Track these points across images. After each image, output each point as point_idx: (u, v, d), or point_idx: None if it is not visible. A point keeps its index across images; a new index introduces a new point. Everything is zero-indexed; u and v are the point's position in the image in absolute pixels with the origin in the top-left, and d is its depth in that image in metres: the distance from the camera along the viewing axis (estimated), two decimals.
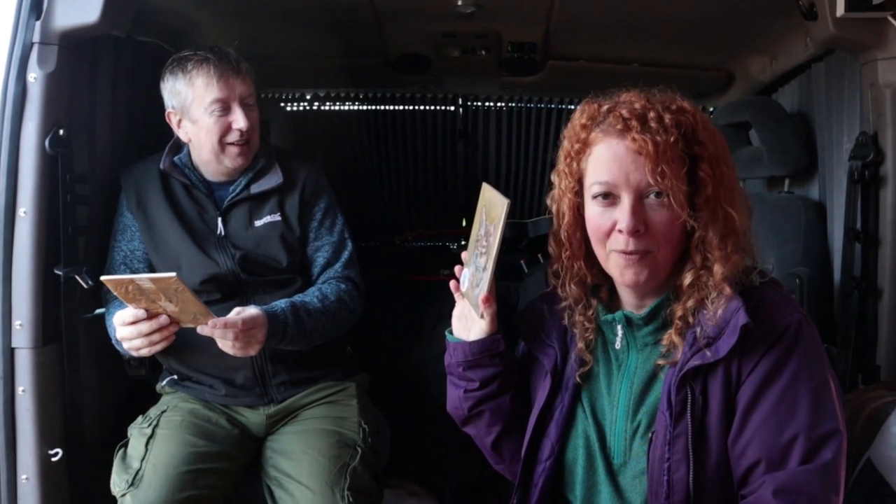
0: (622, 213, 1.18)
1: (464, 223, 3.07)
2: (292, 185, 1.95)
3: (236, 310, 1.65)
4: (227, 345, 1.63)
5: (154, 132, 2.16)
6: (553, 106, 2.85)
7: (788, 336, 1.16)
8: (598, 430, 1.30)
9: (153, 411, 1.89)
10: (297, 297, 1.84)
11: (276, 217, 1.92)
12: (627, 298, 1.30)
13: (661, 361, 1.22)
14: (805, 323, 1.18)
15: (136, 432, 1.83)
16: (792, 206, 2.05)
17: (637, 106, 1.20)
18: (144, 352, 1.65)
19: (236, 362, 1.81)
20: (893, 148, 1.74)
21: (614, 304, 1.33)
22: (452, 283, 1.38)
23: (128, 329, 1.62)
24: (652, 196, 1.18)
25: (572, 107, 2.85)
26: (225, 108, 1.83)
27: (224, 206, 1.91)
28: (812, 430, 1.14)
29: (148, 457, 1.74)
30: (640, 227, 1.18)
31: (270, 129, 2.09)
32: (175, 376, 1.95)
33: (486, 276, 1.27)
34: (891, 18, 1.71)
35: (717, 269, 1.18)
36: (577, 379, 1.32)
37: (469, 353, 1.36)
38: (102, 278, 1.56)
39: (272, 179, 1.93)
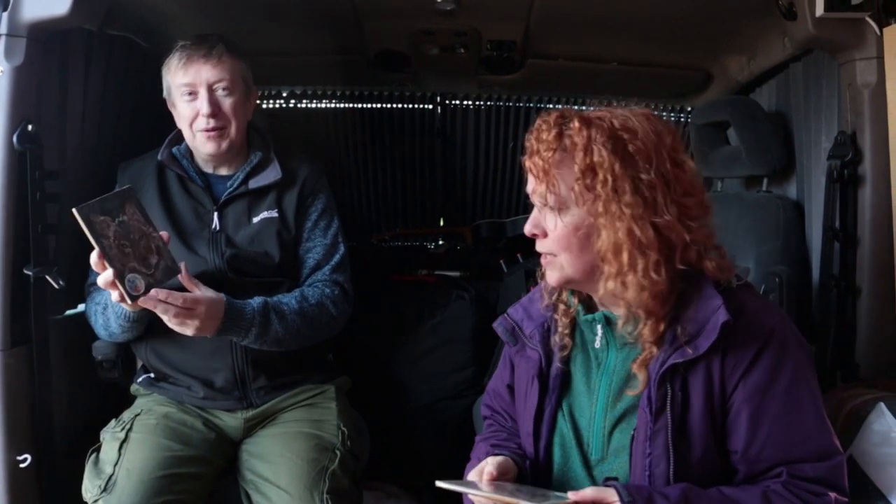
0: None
1: (441, 223, 3.04)
2: (292, 181, 1.93)
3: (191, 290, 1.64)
4: (162, 315, 1.61)
5: (127, 127, 2.12)
6: (532, 105, 2.83)
7: (779, 337, 1.21)
8: (573, 427, 1.31)
9: (126, 415, 1.84)
10: (275, 298, 1.81)
11: (273, 213, 1.90)
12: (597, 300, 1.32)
13: (639, 360, 1.23)
14: (788, 323, 1.24)
15: (109, 436, 1.78)
16: (771, 205, 2.06)
17: (543, 126, 1.26)
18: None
19: (216, 364, 1.78)
20: (872, 147, 1.75)
21: (593, 306, 1.34)
22: None
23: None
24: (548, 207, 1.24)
25: (550, 106, 2.85)
26: (193, 94, 1.82)
27: (221, 200, 1.88)
28: (822, 426, 1.21)
29: (121, 461, 1.70)
30: (536, 230, 1.26)
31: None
32: (151, 374, 1.91)
33: None
34: (869, 19, 1.73)
35: (604, 283, 1.21)
36: (560, 363, 1.33)
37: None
38: (74, 210, 1.45)
39: (270, 175, 1.90)
